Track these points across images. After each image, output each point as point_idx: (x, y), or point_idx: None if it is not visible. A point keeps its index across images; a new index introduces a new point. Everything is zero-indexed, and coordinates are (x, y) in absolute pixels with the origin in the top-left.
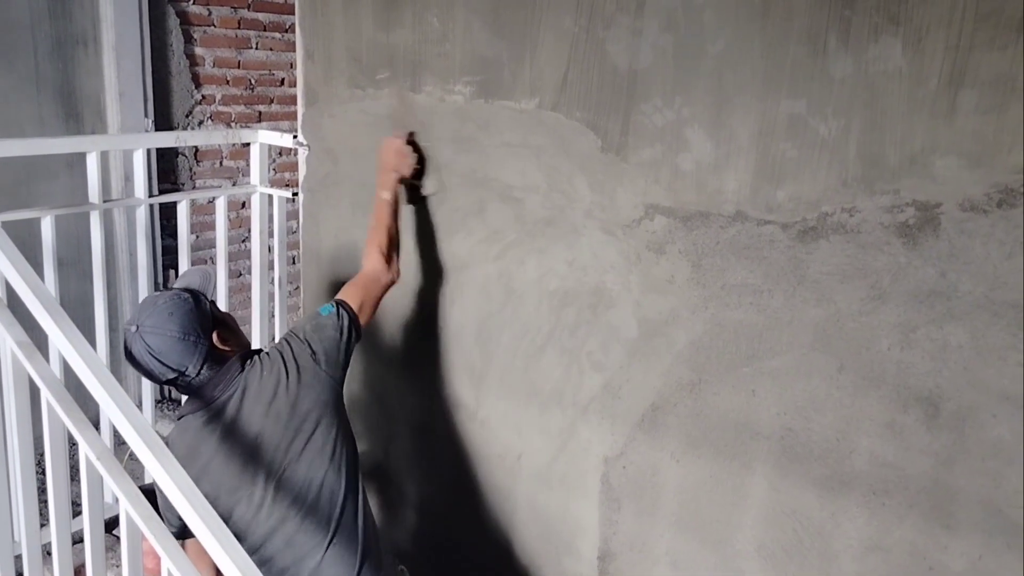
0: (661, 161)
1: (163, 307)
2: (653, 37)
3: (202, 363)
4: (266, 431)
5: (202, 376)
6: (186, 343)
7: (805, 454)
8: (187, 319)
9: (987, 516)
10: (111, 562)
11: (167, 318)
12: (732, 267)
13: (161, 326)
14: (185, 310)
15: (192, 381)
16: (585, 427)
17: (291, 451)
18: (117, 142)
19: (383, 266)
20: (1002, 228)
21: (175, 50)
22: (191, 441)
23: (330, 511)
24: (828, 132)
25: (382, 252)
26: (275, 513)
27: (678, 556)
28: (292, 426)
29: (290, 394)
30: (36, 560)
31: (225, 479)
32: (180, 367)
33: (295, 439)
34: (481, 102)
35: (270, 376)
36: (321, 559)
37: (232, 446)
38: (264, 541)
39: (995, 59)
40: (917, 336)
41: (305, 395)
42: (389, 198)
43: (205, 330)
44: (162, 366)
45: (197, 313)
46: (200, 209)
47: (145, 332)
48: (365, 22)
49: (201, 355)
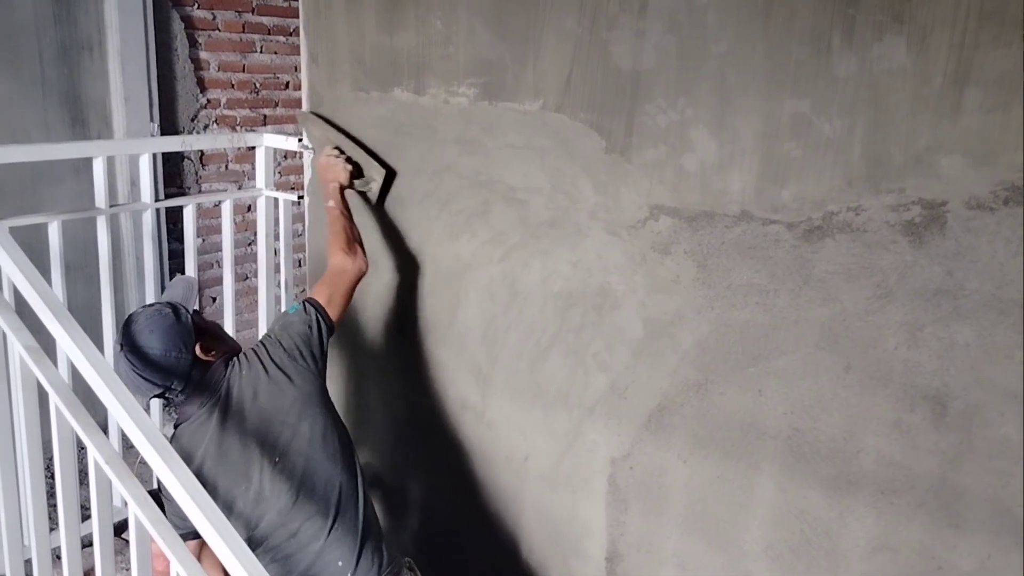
0: (665, 162)
1: (144, 324)
2: (656, 38)
3: (186, 377)
4: (253, 428)
5: (188, 389)
6: (167, 359)
7: (812, 454)
8: (167, 335)
9: (995, 515)
10: (120, 566)
11: (148, 336)
12: (737, 267)
13: (143, 344)
14: (165, 326)
15: (178, 395)
16: (591, 428)
17: (280, 443)
18: (123, 147)
19: (345, 258)
20: (1008, 226)
21: (180, 54)
22: (186, 446)
23: (327, 497)
24: (833, 131)
25: (341, 248)
26: (274, 505)
27: (685, 557)
28: (278, 420)
29: (270, 390)
30: (46, 564)
31: (221, 478)
32: (164, 383)
33: (282, 432)
34: (485, 104)
35: (249, 375)
36: (323, 543)
37: (223, 445)
38: (268, 534)
39: (999, 57)
40: (924, 335)
41: (284, 390)
42: (333, 204)
43: (187, 344)
44: (146, 383)
45: (178, 327)
46: (206, 213)
47: (128, 351)
48: (368, 25)
49: (184, 369)
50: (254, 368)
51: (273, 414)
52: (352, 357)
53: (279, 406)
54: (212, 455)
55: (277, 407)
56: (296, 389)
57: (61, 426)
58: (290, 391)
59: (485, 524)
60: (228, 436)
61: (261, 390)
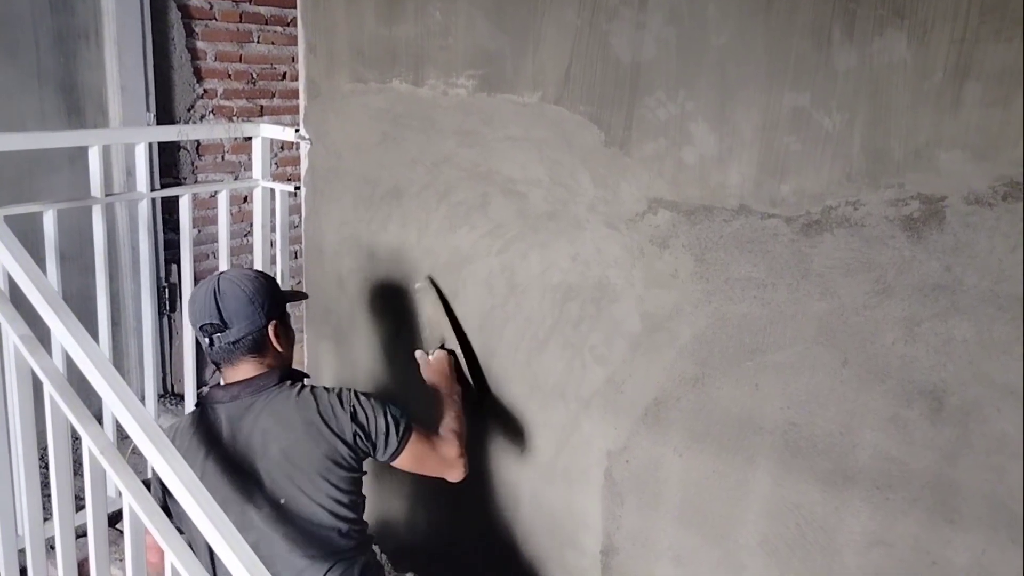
0: (664, 155)
1: (250, 271)
2: (656, 30)
3: (247, 333)
4: (269, 458)
5: (238, 346)
6: (250, 306)
7: (808, 448)
8: (263, 289)
9: (991, 511)
10: (114, 556)
11: (248, 278)
12: (736, 261)
13: (239, 280)
14: (265, 283)
15: (224, 344)
16: (588, 421)
17: (288, 492)
18: (119, 136)
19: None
20: (1007, 221)
21: (177, 44)
22: (201, 431)
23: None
24: (832, 125)
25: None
26: (263, 538)
27: (681, 550)
28: (296, 469)
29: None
30: (39, 554)
31: (219, 486)
32: (228, 321)
33: (293, 481)
34: (484, 96)
35: (297, 410)
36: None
37: (234, 456)
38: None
39: (1000, 51)
40: (921, 330)
41: (316, 447)
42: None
43: (269, 310)
44: (215, 311)
45: (271, 292)
46: (202, 203)
47: (224, 277)
48: (367, 16)
49: (253, 325)
50: (305, 407)
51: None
52: (349, 349)
53: (304, 456)
54: (216, 460)
55: (301, 455)
56: (325, 450)
57: (55, 416)
58: (319, 449)
59: (481, 516)
60: (241, 450)
61: (297, 430)
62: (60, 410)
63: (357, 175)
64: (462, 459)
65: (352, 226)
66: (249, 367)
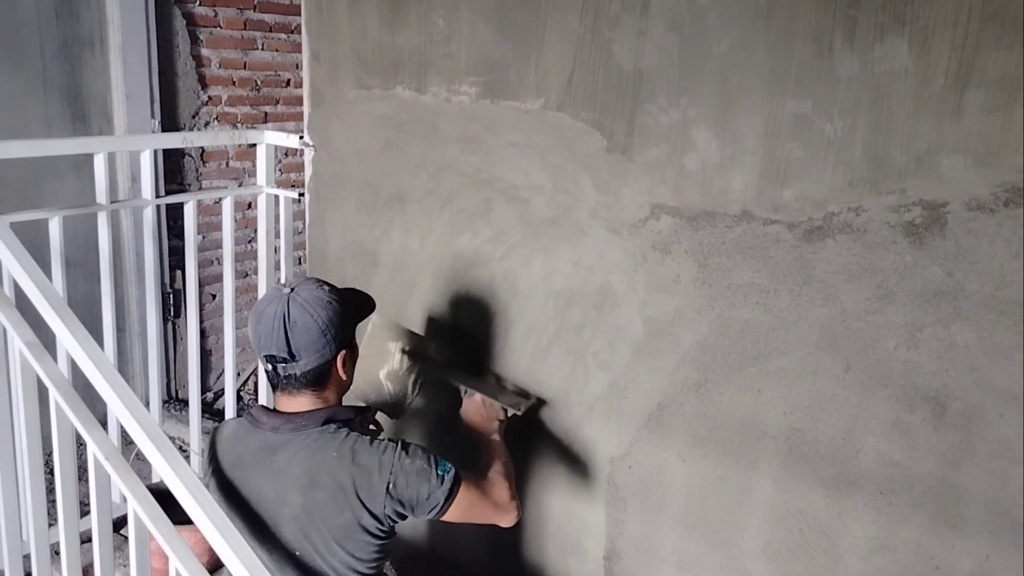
0: (667, 161)
1: (326, 293)
2: (658, 38)
3: (315, 366)
4: (291, 508)
5: (301, 378)
6: (321, 339)
7: (811, 454)
8: (336, 318)
9: (994, 516)
10: (119, 562)
11: (321, 304)
12: (738, 267)
13: (313, 307)
14: (339, 310)
15: (287, 374)
16: (591, 427)
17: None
18: (124, 143)
19: (511, 505)
20: (1008, 227)
21: (181, 51)
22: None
23: None
24: (834, 132)
25: (512, 494)
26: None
27: (684, 556)
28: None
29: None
30: (44, 560)
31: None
32: (296, 353)
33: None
34: (487, 102)
35: (331, 467)
36: None
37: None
38: None
39: (1001, 58)
40: (924, 335)
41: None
42: (498, 438)
43: (340, 341)
44: (283, 342)
45: (344, 319)
46: (207, 210)
47: (295, 300)
48: (371, 23)
49: (322, 359)
50: (339, 464)
51: (314, 520)
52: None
53: (322, 521)
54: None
55: (321, 520)
56: (347, 523)
57: (61, 421)
58: (341, 520)
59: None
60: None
61: (320, 488)
62: (65, 416)
63: (360, 181)
64: (514, 501)
65: (356, 232)
66: (304, 400)
